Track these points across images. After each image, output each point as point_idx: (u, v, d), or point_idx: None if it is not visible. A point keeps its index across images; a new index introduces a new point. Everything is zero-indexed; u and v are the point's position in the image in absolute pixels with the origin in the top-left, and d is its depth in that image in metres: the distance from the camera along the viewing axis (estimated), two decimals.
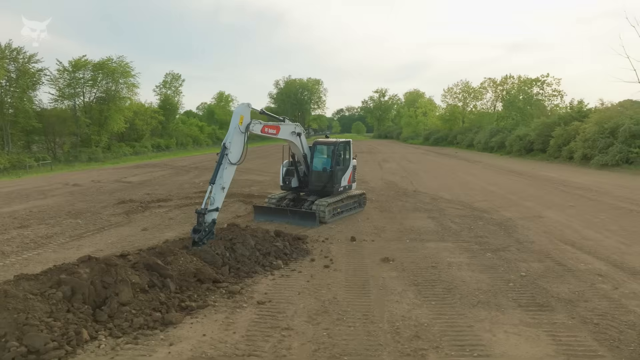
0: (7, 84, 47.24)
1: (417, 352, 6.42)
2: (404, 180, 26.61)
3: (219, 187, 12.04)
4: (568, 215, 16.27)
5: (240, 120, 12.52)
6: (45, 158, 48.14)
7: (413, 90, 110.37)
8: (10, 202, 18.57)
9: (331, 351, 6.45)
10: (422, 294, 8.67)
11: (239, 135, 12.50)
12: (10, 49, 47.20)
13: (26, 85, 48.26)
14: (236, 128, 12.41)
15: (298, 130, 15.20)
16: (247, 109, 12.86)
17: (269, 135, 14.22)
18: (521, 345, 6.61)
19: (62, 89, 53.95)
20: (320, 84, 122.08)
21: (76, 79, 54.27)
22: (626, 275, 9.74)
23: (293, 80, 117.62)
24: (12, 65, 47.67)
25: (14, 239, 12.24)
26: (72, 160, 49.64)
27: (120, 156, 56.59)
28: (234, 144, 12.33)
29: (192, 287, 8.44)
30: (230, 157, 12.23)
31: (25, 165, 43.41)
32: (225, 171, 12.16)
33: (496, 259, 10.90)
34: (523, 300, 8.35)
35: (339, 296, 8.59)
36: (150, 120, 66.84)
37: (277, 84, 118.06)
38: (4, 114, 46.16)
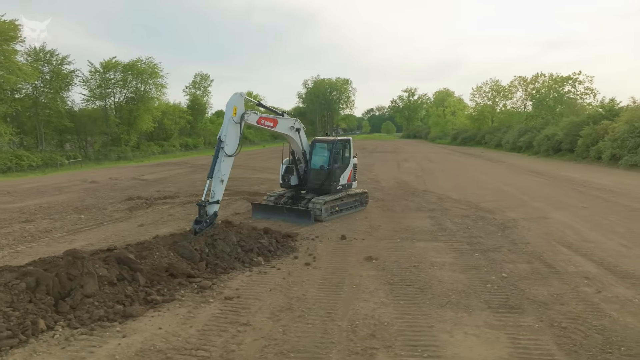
0: (41, 85, 49.14)
1: (366, 351, 6.33)
2: (417, 180, 26.26)
3: (218, 180, 12.25)
4: (577, 216, 15.71)
5: (234, 111, 12.65)
6: (76, 156, 49.81)
7: (442, 89, 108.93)
8: (25, 197, 19.30)
9: (280, 347, 6.43)
10: (393, 293, 8.55)
11: (234, 126, 12.65)
12: (44, 51, 49.11)
13: (59, 86, 50.09)
14: (230, 119, 12.55)
15: (297, 126, 15.23)
16: (240, 98, 12.99)
17: (266, 128, 14.29)
18: (476, 347, 6.43)
19: (93, 89, 55.67)
20: (349, 83, 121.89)
21: (107, 80, 55.88)
22: (615, 279, 9.34)
23: (322, 80, 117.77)
24: (46, 67, 49.58)
25: (14, 233, 12.72)
26: (101, 159, 51.21)
27: (148, 155, 58.02)
28: (229, 136, 12.48)
29: (163, 281, 8.57)
30: (227, 149, 12.40)
31: (57, 163, 45.12)
32: (222, 164, 12.35)
33: (483, 260, 10.63)
34: (495, 302, 8.12)
35: (309, 294, 8.56)
36: (179, 120, 68.19)
37: (306, 84, 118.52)
38: (38, 114, 47.99)
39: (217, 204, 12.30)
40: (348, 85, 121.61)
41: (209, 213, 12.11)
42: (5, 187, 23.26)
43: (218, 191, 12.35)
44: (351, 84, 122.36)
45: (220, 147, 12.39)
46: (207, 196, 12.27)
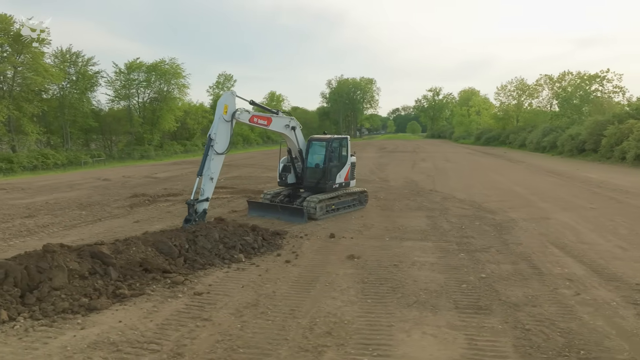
0: (68, 85, 50.64)
1: (317, 349, 6.29)
2: (427, 180, 25.92)
3: (208, 178, 12.44)
4: (581, 217, 15.23)
5: (224, 109, 12.79)
6: (100, 155, 51.19)
7: (468, 88, 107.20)
8: (36, 194, 19.92)
9: (233, 343, 6.45)
10: (363, 292, 8.47)
11: (224, 124, 12.80)
12: (70, 52, 50.59)
13: (84, 86, 51.53)
14: (220, 118, 12.72)
15: (293, 124, 15.27)
16: (232, 97, 13.14)
17: (260, 127, 14.39)
18: (429, 347, 6.32)
19: (118, 90, 57.02)
20: (373, 83, 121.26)
21: (130, 81, 57.15)
22: (599, 281, 9.02)
23: (345, 80, 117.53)
24: (72, 68, 51.08)
25: (13, 227, 13.15)
26: (125, 158, 52.44)
27: (171, 154, 59.11)
28: (219, 134, 12.65)
29: (136, 275, 8.71)
30: (216, 147, 12.58)
31: (81, 161, 46.44)
32: (212, 162, 12.53)
33: (466, 260, 10.43)
34: (464, 302, 7.95)
35: (279, 291, 8.56)
36: (202, 119, 69.10)
37: (330, 84, 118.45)
38: (64, 114, 49.45)
39: (206, 201, 12.48)
40: (372, 85, 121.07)
41: (198, 211, 12.30)
42: (22, 183, 24.06)
43: (207, 189, 12.52)
44: (375, 84, 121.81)
45: (210, 145, 12.54)
46: (196, 194, 12.44)
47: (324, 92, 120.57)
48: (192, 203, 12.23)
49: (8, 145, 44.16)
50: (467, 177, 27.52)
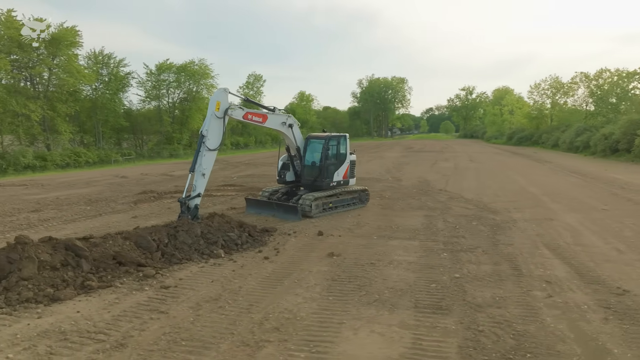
0: (101, 86, 52.39)
1: (258, 343, 6.30)
2: (441, 180, 25.46)
3: (199, 174, 12.64)
4: (588, 218, 14.64)
5: (217, 106, 12.96)
6: (130, 154, 52.73)
7: (502, 87, 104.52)
8: (52, 190, 20.71)
9: (178, 335, 6.53)
10: (329, 289, 8.42)
11: (216, 121, 12.97)
12: (103, 54, 52.31)
13: (116, 87, 53.18)
14: (212, 114, 12.91)
15: (290, 122, 15.33)
16: (224, 94, 13.29)
17: (255, 124, 14.50)
18: (370, 346, 6.22)
19: (148, 90, 58.56)
20: (405, 82, 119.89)
21: (160, 81, 58.58)
22: (579, 284, 8.66)
23: (377, 79, 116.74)
24: (104, 69, 52.80)
25: (16, 221, 13.73)
26: (154, 156, 53.83)
27: None
28: (210, 130, 12.83)
29: (109, 268, 8.94)
30: (208, 143, 12.76)
31: (111, 159, 47.95)
32: (204, 158, 12.71)
33: (447, 260, 10.20)
34: (426, 302, 7.79)
35: (246, 286, 8.61)
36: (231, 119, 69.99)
37: (360, 83, 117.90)
38: (96, 114, 51.18)
39: (198, 197, 12.66)
40: (404, 84, 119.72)
41: (190, 207, 12.50)
42: (44, 180, 25.09)
43: (199, 185, 12.71)
44: (407, 83, 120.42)
45: (201, 142, 12.73)
46: (188, 191, 12.65)
47: (354, 92, 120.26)
48: (183, 201, 12.45)
49: (43, 143, 46.00)
50: (485, 177, 26.87)
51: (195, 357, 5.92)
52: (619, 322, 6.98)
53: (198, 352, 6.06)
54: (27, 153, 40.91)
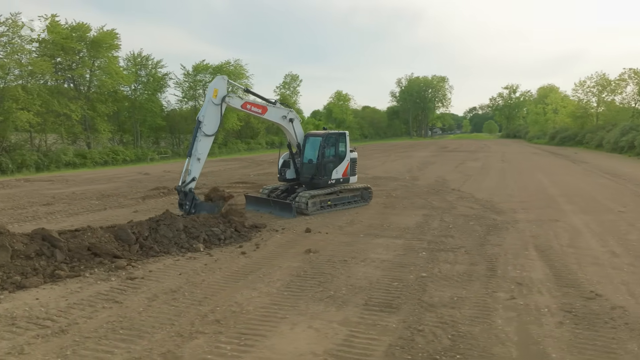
0: (140, 87, 54.32)
1: (192, 335, 6.39)
2: (460, 179, 24.82)
3: (195, 159, 12.99)
4: (597, 220, 13.93)
5: (214, 93, 13.23)
6: (166, 152, 54.42)
7: (547, 85, 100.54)
8: (74, 185, 21.66)
9: (120, 324, 6.70)
10: (288, 285, 8.42)
11: (213, 107, 13.25)
12: (141, 56, 54.20)
13: (154, 88, 54.98)
14: (209, 101, 13.23)
15: (291, 116, 15.42)
16: (222, 82, 13.59)
17: (254, 114, 14.67)
18: (300, 341, 6.19)
19: (185, 91, 60.19)
20: (446, 81, 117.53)
21: (197, 82, 60.05)
22: (551, 287, 8.29)
23: (416, 78, 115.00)
24: (142, 70, 54.69)
25: (23, 213, 14.46)
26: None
27: (234, 151, 61.40)
28: (207, 116, 13.14)
29: (84, 259, 9.27)
30: (205, 129, 13.05)
31: (148, 157, 49.61)
32: (199, 143, 13.02)
33: (423, 259, 9.98)
34: (378, 300, 7.66)
35: (209, 280, 8.72)
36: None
37: (400, 82, 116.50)
38: (135, 114, 53.11)
39: (193, 181, 12.94)
40: (444, 83, 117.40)
41: (187, 194, 12.77)
42: (69, 176, 26.27)
43: (194, 169, 13.03)
44: (448, 82, 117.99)
45: (198, 127, 13.01)
46: (184, 178, 12.92)
47: (393, 91, 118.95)
48: (180, 189, 12.77)
49: (84, 142, 48.13)
50: (508, 177, 25.99)
51: (126, 345, 6.06)
52: (574, 326, 6.63)
53: (131, 340, 6.21)
54: (67, 151, 42.93)
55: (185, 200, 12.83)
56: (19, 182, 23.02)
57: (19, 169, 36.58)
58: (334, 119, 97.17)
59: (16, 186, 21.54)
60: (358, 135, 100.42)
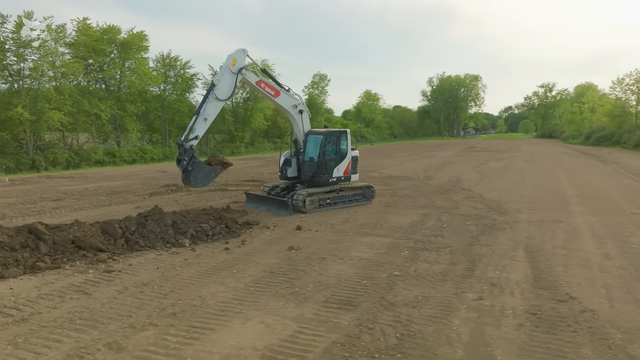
0: (169, 87, 55.56)
1: (143, 327, 6.48)
2: (474, 179, 24.29)
3: (202, 118, 13.23)
4: (602, 223, 13.40)
5: (233, 62, 13.47)
6: None
7: (585, 83, 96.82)
8: (90, 182, 22.36)
9: (79, 315, 6.87)
10: (257, 281, 8.43)
11: (229, 75, 13.52)
12: (170, 57, 55.40)
13: (182, 88, 56.12)
14: (227, 68, 13.48)
15: (301, 108, 15.53)
16: (243, 54, 13.86)
17: (266, 94, 14.81)
18: (245, 336, 6.20)
19: None
20: (479, 79, 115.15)
21: None
22: (525, 289, 8.03)
23: (448, 77, 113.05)
24: (171, 71, 55.90)
25: (31, 207, 15.03)
26: (216, 154, 56.21)
27: (260, 150, 62.03)
28: (222, 81, 13.40)
29: (68, 252, 9.56)
30: (217, 93, 13.31)
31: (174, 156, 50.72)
32: (209, 104, 13.28)
33: (402, 258, 9.84)
34: (340, 297, 7.59)
35: (182, 274, 8.82)
36: None
37: (431, 82, 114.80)
38: (163, 114, 54.35)
39: (196, 139, 13.11)
40: (477, 82, 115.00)
41: (187, 150, 12.87)
42: (90, 173, 27.17)
43: (200, 128, 13.24)
44: (481, 80, 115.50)
45: (211, 89, 13.26)
46: (187, 135, 13.06)
47: (424, 90, 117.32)
48: (181, 143, 12.87)
49: (114, 141, 49.60)
50: (527, 177, 25.25)
51: (77, 335, 6.21)
52: (533, 329, 6.40)
53: (83, 330, 6.36)
54: (98, 149, 44.36)
55: (184, 156, 12.81)
56: (41, 179, 23.98)
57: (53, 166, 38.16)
58: (362, 118, 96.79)
59: (36, 182, 22.43)
60: (387, 134, 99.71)
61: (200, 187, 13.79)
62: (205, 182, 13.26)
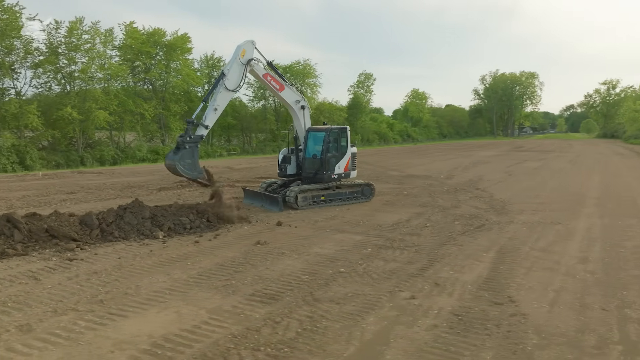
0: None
1: (65, 311, 6.73)
2: (497, 179, 23.32)
3: (212, 108, 13.47)
4: (607, 226, 12.56)
5: (242, 53, 13.74)
6: (235, 149, 56.88)
7: None
8: (113, 177, 23.44)
9: (17, 299, 7.21)
10: (202, 273, 8.53)
11: (238, 65, 13.76)
12: (213, 58, 57.09)
13: None
14: (236, 59, 13.70)
15: (304, 104, 15.63)
16: (251, 45, 14.13)
17: (271, 87, 15.02)
18: (151, 324, 6.30)
19: (256, 90, 62.34)
20: (536, 77, 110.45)
21: None
22: (469, 290, 7.68)
23: (502, 75, 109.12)
24: (215, 72, 57.49)
25: (42, 200, 15.94)
26: (257, 152, 57.34)
27: None
28: (232, 71, 13.65)
29: (41, 240, 10.07)
30: (227, 83, 13.55)
31: (216, 154, 52.19)
32: (220, 94, 13.51)
33: (360, 255, 9.67)
34: (268, 291, 7.55)
35: (137, 264, 9.05)
36: (336, 117, 71.47)
37: (483, 80, 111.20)
38: None
39: (205, 128, 13.33)
40: (534, 80, 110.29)
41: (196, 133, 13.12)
42: (122, 169, 28.40)
43: (209, 118, 13.50)
44: (538, 78, 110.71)
45: (220, 79, 13.53)
46: (197, 117, 13.43)
47: (477, 89, 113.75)
48: (192, 121, 13.05)
49: (159, 139, 51.72)
50: (555, 178, 23.93)
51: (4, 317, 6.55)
52: (445, 329, 6.12)
53: (8, 312, 6.68)
54: (142, 147, 46.46)
55: (190, 134, 12.89)
56: (72, 174, 25.40)
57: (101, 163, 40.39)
58: (409, 117, 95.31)
59: (65, 177, 23.81)
60: (436, 134, 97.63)
61: (179, 171, 12.78)
62: (186, 170, 12.78)
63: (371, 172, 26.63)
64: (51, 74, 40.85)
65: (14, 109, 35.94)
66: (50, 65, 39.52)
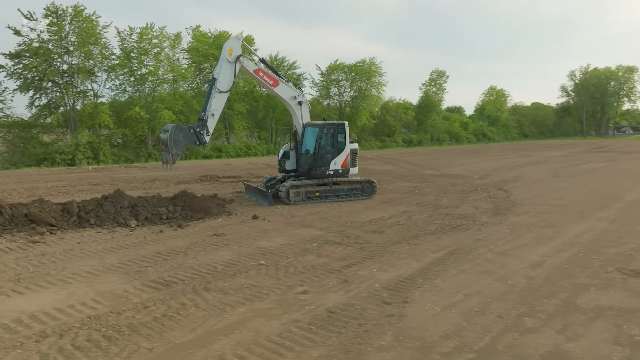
0: None
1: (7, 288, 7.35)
2: (532, 179, 21.66)
3: (209, 115, 13.95)
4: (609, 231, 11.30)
5: (229, 52, 13.92)
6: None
7: None
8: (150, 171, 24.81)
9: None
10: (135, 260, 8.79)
11: (227, 65, 13.95)
12: (277, 59, 58.33)
13: None
14: (224, 59, 13.90)
15: (300, 99, 15.63)
16: (237, 41, 14.35)
17: (265, 84, 15.09)
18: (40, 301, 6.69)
19: (320, 89, 63.00)
20: (635, 71, 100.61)
21: (330, 81, 62.32)
22: (375, 290, 7.34)
23: (594, 70, 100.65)
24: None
25: (61, 190, 17.32)
26: None
27: (367, 148, 62.19)
28: (221, 74, 13.84)
29: (20, 224, 11.01)
30: (219, 85, 13.79)
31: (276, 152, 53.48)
32: (214, 99, 13.87)
33: (298, 249, 9.55)
34: (170, 278, 7.74)
35: (89, 249, 9.55)
36: (404, 116, 70.24)
37: (572, 75, 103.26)
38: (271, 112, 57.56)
39: (208, 135, 13.89)
40: (633, 74, 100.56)
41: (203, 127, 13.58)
42: None
43: (210, 124, 13.93)
44: (638, 72, 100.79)
45: (213, 84, 13.81)
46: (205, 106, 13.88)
47: (564, 86, 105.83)
48: (203, 117, 13.60)
49: (224, 137, 53.95)
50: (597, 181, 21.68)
51: None
52: (303, 325, 5.96)
53: None
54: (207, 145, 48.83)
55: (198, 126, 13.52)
56: (120, 168, 27.30)
57: None
58: (486, 116, 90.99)
59: (112, 171, 25.70)
60: (516, 134, 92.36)
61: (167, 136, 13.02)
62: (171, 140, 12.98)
63: (404, 171, 25.94)
64: (125, 76, 44.17)
65: (89, 109, 39.37)
66: (123, 68, 42.73)
